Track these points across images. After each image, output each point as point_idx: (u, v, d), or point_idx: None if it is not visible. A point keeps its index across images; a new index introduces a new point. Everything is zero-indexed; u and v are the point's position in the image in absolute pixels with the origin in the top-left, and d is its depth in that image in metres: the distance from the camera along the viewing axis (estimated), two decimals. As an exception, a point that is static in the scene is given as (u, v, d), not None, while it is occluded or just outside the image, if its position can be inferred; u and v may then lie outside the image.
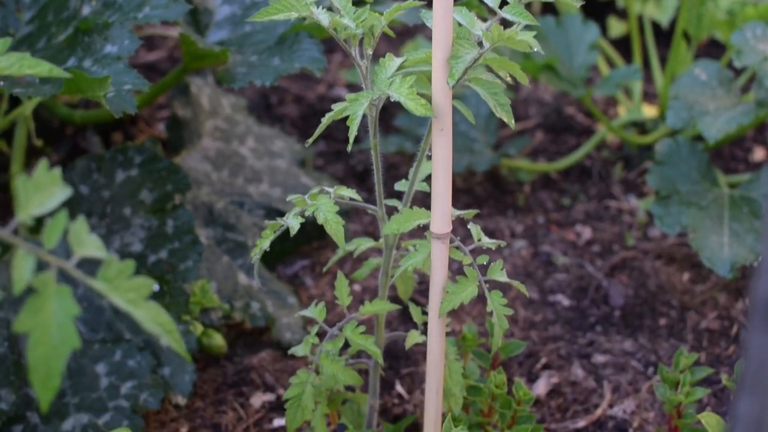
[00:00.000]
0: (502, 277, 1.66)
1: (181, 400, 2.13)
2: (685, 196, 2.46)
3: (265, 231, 1.67)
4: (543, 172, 2.90)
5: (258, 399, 2.19)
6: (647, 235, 2.69)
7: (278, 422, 2.14)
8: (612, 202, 2.82)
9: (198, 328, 2.16)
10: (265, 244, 1.66)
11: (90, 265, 1.14)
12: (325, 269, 1.99)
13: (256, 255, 1.67)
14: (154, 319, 1.11)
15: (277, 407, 2.17)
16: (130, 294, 1.10)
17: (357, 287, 2.46)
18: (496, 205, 2.81)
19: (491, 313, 1.64)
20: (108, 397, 2.03)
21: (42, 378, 1.01)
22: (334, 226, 1.61)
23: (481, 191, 2.85)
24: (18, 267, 1.01)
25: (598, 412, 2.17)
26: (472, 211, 1.69)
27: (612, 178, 2.91)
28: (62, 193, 1.06)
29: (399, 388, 2.22)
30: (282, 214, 2.48)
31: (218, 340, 2.22)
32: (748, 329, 0.77)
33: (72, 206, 2.19)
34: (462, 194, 2.82)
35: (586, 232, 2.70)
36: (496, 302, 1.64)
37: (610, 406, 2.20)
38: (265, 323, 2.27)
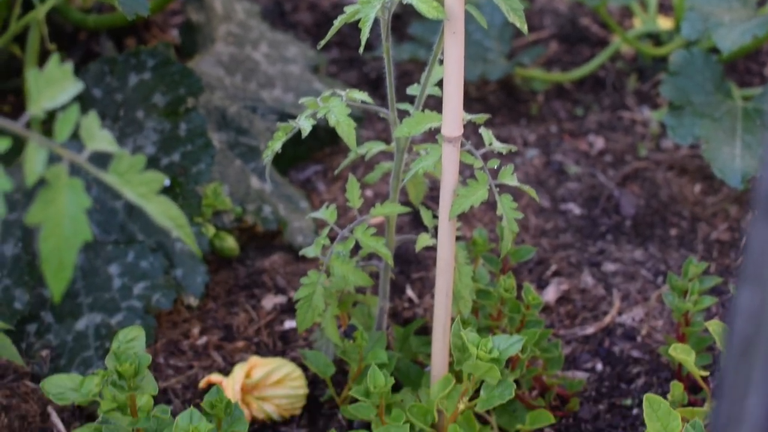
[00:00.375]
0: (513, 181, 1.67)
1: (193, 301, 2.15)
2: (698, 108, 2.45)
3: (277, 133, 1.67)
4: (557, 82, 2.90)
5: (269, 301, 2.21)
6: (660, 146, 2.69)
7: (289, 324, 2.16)
8: (625, 113, 2.81)
9: (210, 230, 2.18)
10: (277, 145, 1.67)
11: (102, 164, 1.15)
12: (336, 172, 2.00)
13: (267, 156, 1.68)
14: (165, 212, 1.12)
15: (289, 309, 2.19)
16: (142, 188, 1.11)
17: (369, 193, 2.47)
18: (509, 113, 2.81)
19: (501, 219, 1.65)
20: (121, 297, 2.05)
21: (54, 269, 1.02)
22: (346, 128, 1.61)
23: (495, 100, 2.85)
24: (30, 159, 1.02)
25: (607, 319, 2.19)
26: (484, 116, 1.69)
27: (626, 89, 2.90)
28: (74, 87, 1.07)
29: (409, 292, 2.24)
30: (295, 118, 2.48)
31: (230, 243, 2.23)
32: (750, 222, 0.78)
33: (85, 109, 2.20)
34: (475, 103, 2.82)
35: (599, 142, 2.70)
36: (506, 206, 1.65)
37: (619, 313, 2.21)
38: (277, 227, 2.29)
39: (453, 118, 1.59)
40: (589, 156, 2.65)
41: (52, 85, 1.06)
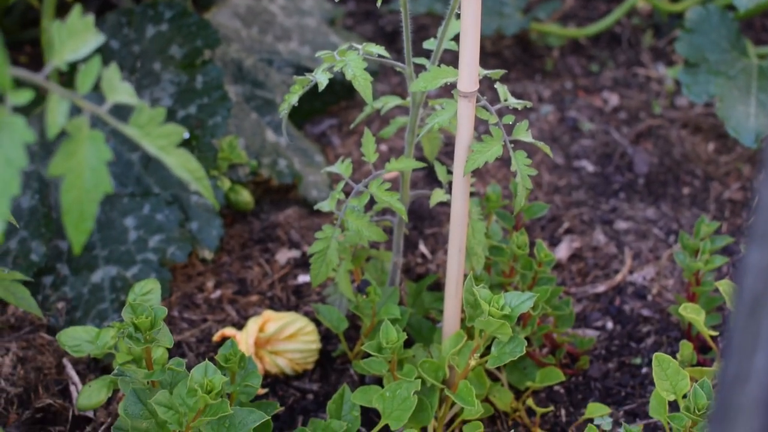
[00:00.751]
0: (528, 138, 1.67)
1: (207, 255, 2.16)
2: (713, 65, 2.45)
3: (294, 86, 1.68)
4: (572, 37, 2.89)
5: (283, 255, 2.22)
6: (674, 103, 2.69)
7: (303, 278, 2.17)
8: (640, 70, 2.81)
9: (225, 184, 2.18)
10: (293, 99, 1.67)
11: (120, 117, 1.15)
12: (352, 126, 2.00)
13: (284, 110, 1.68)
14: (183, 165, 1.13)
15: (302, 264, 2.20)
16: (161, 141, 1.11)
17: (383, 147, 2.47)
18: (524, 69, 2.81)
19: (515, 175, 1.65)
20: (136, 250, 2.06)
21: (75, 221, 1.03)
22: (362, 82, 1.61)
23: (510, 55, 2.85)
24: (52, 111, 1.03)
25: (618, 277, 2.20)
26: (500, 71, 1.69)
27: (641, 46, 2.90)
28: (95, 39, 1.07)
29: (422, 247, 2.25)
30: (311, 72, 2.48)
31: (245, 196, 2.24)
32: (760, 180, 0.78)
33: (103, 60, 2.20)
34: (490, 57, 2.82)
35: (613, 99, 2.70)
36: (520, 162, 1.65)
37: (631, 272, 2.22)
38: (292, 180, 2.29)
39: (469, 73, 1.59)
40: (604, 113, 2.65)
41: (74, 37, 1.07)
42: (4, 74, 0.90)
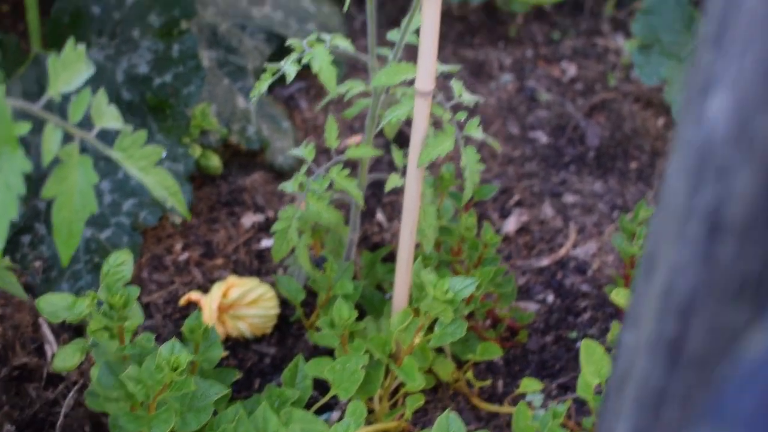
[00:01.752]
0: (479, 134, 1.78)
1: (177, 220, 2.27)
2: (666, 47, 2.54)
3: (264, 74, 1.78)
4: (537, 4, 2.98)
5: (248, 219, 2.34)
6: (629, 76, 2.79)
7: (266, 243, 2.29)
8: (600, 40, 2.91)
9: (196, 151, 2.29)
10: (263, 86, 1.78)
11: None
12: (316, 110, 2.10)
13: (254, 96, 1.79)
14: (161, 183, 1.26)
15: (266, 227, 2.32)
16: (142, 162, 1.24)
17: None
18: (488, 35, 2.90)
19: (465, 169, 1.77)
20: (110, 213, 2.17)
21: (65, 238, 1.16)
22: (327, 74, 1.72)
23: (475, 19, 2.94)
24: (47, 140, 1.15)
25: (562, 252, 2.32)
26: (455, 68, 1.79)
27: (603, 15, 2.99)
28: (87, 71, 1.19)
29: (379, 215, 2.37)
30: (282, 38, 2.58)
31: (215, 162, 2.35)
32: (638, 272, 0.88)
33: (84, 26, 2.30)
34: (456, 22, 2.91)
35: (572, 69, 2.80)
36: (470, 158, 1.77)
37: (574, 246, 2.34)
38: (260, 146, 2.40)
39: (426, 72, 1.70)
40: (561, 83, 2.75)
41: (68, 69, 1.19)
42: (11, 135, 1.03)
